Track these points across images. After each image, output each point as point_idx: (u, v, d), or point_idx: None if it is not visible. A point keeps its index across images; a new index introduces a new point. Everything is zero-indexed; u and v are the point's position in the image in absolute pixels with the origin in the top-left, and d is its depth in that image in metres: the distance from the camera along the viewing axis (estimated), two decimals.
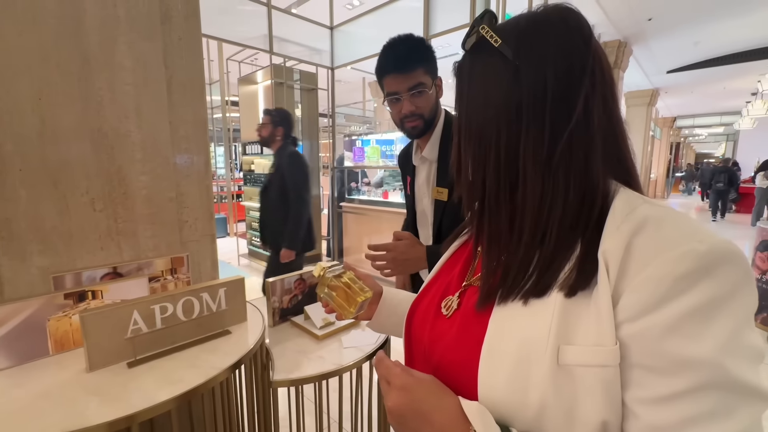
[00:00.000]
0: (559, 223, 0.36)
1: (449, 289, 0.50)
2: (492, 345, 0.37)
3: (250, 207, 4.64)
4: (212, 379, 0.73)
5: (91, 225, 1.04)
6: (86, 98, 1.01)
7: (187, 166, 1.24)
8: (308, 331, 1.13)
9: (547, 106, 0.36)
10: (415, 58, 0.94)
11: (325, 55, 4.23)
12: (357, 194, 4.51)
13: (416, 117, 0.97)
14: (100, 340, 0.73)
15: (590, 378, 0.32)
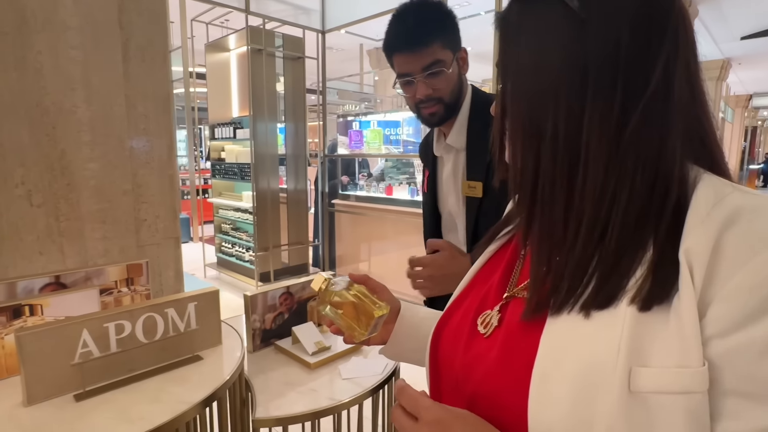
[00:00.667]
0: (623, 215, 0.36)
1: (486, 302, 0.50)
2: (545, 368, 0.37)
3: (220, 205, 4.65)
4: (180, 416, 0.73)
5: (27, 223, 1.04)
6: (22, 65, 1.02)
7: (146, 151, 1.25)
8: (297, 358, 1.13)
9: (619, 69, 0.36)
10: (429, 31, 0.92)
11: (314, 15, 4.24)
12: (353, 189, 4.52)
13: (434, 101, 0.96)
14: (40, 367, 0.73)
15: (671, 407, 0.32)
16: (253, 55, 3.85)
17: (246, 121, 4.07)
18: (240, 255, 4.43)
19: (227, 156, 4.50)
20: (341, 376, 1.07)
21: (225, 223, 4.68)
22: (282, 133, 4.27)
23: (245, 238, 4.37)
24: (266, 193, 4.04)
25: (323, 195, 4.36)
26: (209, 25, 4.81)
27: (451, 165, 1.06)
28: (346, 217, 4.35)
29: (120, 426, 0.69)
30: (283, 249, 4.28)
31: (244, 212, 4.32)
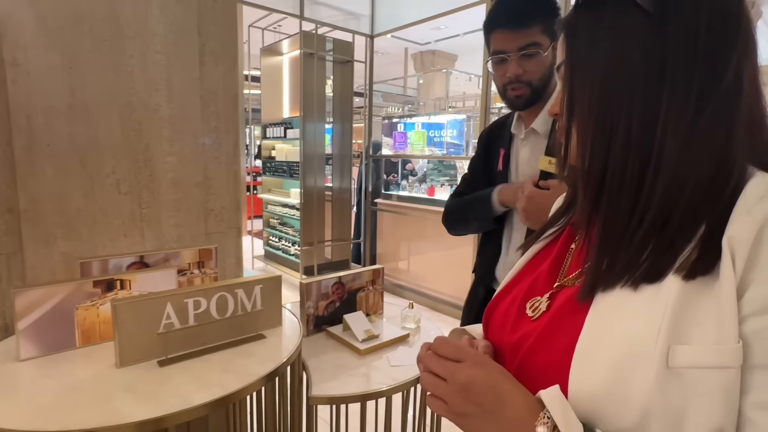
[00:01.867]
0: (687, 203, 0.38)
1: (535, 289, 0.52)
2: (588, 344, 0.40)
3: (269, 200, 4.83)
4: (248, 386, 0.79)
5: (115, 209, 1.15)
6: (117, 69, 1.13)
7: (215, 147, 1.34)
8: (348, 344, 1.18)
9: (696, 67, 0.37)
10: (532, 14, 0.94)
11: (363, 20, 4.32)
12: (396, 189, 4.56)
13: (522, 84, 0.98)
14: (131, 333, 0.82)
15: (706, 381, 0.34)
16: (305, 58, 3.97)
17: (296, 121, 4.21)
18: (286, 249, 4.58)
19: (277, 154, 4.65)
20: (389, 363, 1.11)
21: (273, 218, 4.84)
22: (329, 133, 4.37)
23: (291, 233, 4.51)
24: (313, 191, 4.15)
25: (366, 194, 4.43)
26: (265, 31, 5.00)
27: (529, 147, 1.08)
28: (388, 216, 4.40)
29: (198, 391, 0.76)
30: (327, 245, 4.38)
31: (292, 208, 4.45)
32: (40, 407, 0.70)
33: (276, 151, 4.68)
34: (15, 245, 1.04)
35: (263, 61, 4.68)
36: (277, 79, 4.67)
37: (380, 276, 1.41)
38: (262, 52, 4.66)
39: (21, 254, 1.04)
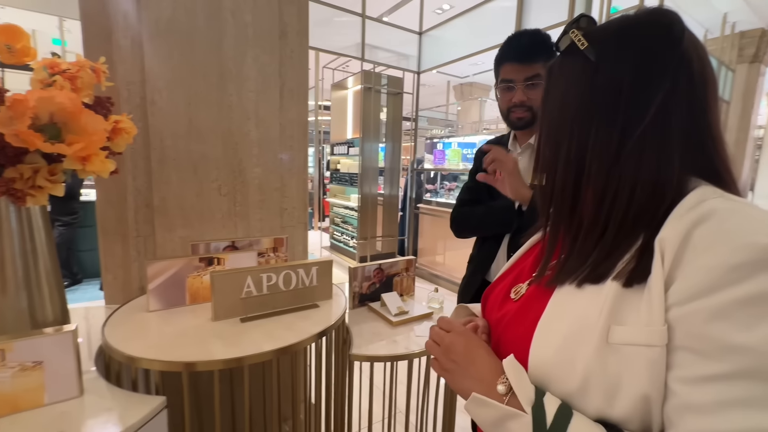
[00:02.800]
0: (622, 217, 0.38)
1: (520, 277, 0.53)
2: (547, 322, 0.41)
3: (334, 203, 5.00)
4: (305, 340, 0.85)
5: (217, 206, 1.28)
6: (220, 104, 1.25)
7: (290, 161, 1.44)
8: (383, 317, 1.22)
9: (620, 106, 0.37)
10: (537, 52, 0.97)
11: (412, 59, 4.36)
12: (435, 196, 4.54)
13: (526, 108, 1.00)
14: (223, 297, 0.91)
15: (637, 356, 0.34)
16: (365, 91, 4.07)
17: (357, 141, 4.32)
18: (346, 242, 4.71)
19: (342, 167, 4.80)
20: (415, 334, 1.13)
21: (337, 217, 5.00)
22: (382, 150, 4.45)
23: (351, 230, 4.63)
24: (368, 196, 4.25)
25: (410, 200, 4.45)
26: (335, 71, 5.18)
27: (525, 160, 1.09)
28: (427, 218, 4.39)
29: (268, 341, 0.83)
30: (378, 239, 4.45)
31: (351, 210, 4.58)
32: (162, 344, 0.81)
33: (341, 164, 4.84)
34: (150, 230, 1.18)
35: (333, 94, 4.85)
36: (343, 107, 4.82)
37: (413, 265, 1.43)
38: (332, 87, 4.83)
39: (153, 237, 1.18)
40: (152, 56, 1.11)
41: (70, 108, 0.70)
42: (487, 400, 0.40)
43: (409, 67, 4.32)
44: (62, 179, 0.76)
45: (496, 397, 0.40)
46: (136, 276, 1.18)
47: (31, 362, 0.63)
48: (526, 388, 0.39)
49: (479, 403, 0.41)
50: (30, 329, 0.78)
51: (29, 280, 0.78)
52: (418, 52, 4.30)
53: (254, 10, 1.26)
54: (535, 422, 0.37)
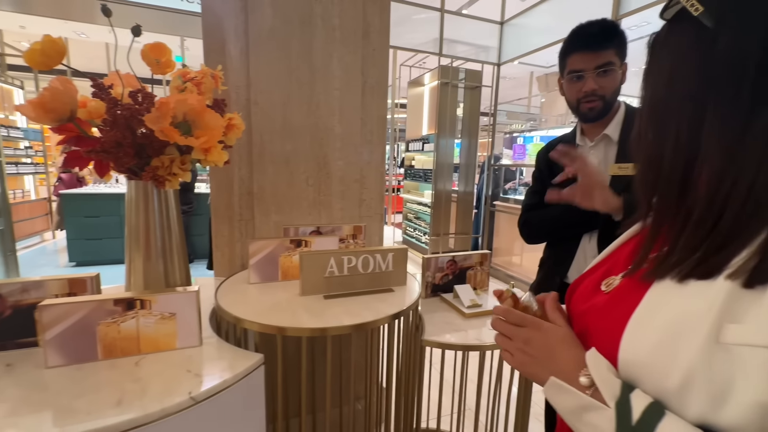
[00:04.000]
0: (740, 207, 0.33)
1: (613, 269, 0.50)
2: (642, 316, 0.38)
3: (407, 199, 5.08)
4: (380, 319, 0.91)
5: (304, 196, 1.41)
6: (309, 102, 1.37)
7: (369, 154, 1.52)
8: (456, 308, 1.22)
9: (746, 79, 0.33)
10: (608, 38, 0.93)
11: (492, 51, 4.20)
12: (513, 194, 4.32)
13: (597, 98, 0.96)
14: (309, 274, 1.02)
15: (754, 358, 0.30)
16: (442, 87, 4.05)
17: (432, 137, 4.32)
18: (418, 237, 4.75)
19: (416, 163, 4.85)
20: (488, 327, 1.12)
21: (410, 213, 5.07)
22: (458, 147, 4.38)
23: (423, 225, 4.66)
24: (442, 193, 4.22)
25: (486, 197, 4.30)
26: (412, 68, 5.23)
27: (600, 154, 1.03)
28: (504, 216, 4.20)
29: (347, 317, 0.91)
30: (450, 236, 4.40)
31: (425, 206, 4.60)
32: (260, 311, 0.93)
33: (415, 161, 4.88)
34: (250, 215, 1.36)
35: (409, 91, 4.91)
36: (419, 104, 4.85)
37: (487, 259, 1.41)
38: (409, 84, 4.89)
39: (253, 221, 1.36)
40: (256, 62, 1.27)
41: (197, 108, 0.85)
42: (566, 387, 0.40)
43: (489, 59, 4.17)
44: (189, 168, 0.93)
45: (578, 387, 0.40)
46: (238, 254, 1.37)
47: (168, 313, 0.79)
48: (611, 383, 0.37)
49: (558, 388, 0.41)
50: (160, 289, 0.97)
51: (165, 250, 0.97)
52: (499, 43, 4.12)
53: (341, 13, 1.36)
54: (620, 417, 0.35)
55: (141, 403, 0.63)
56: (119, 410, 0.61)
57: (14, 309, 0.77)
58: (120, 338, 0.76)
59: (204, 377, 0.72)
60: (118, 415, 0.60)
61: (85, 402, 0.63)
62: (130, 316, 0.76)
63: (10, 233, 3.12)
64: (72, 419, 0.59)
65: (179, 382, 0.70)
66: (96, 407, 0.62)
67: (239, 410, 0.75)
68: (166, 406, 0.63)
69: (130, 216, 0.94)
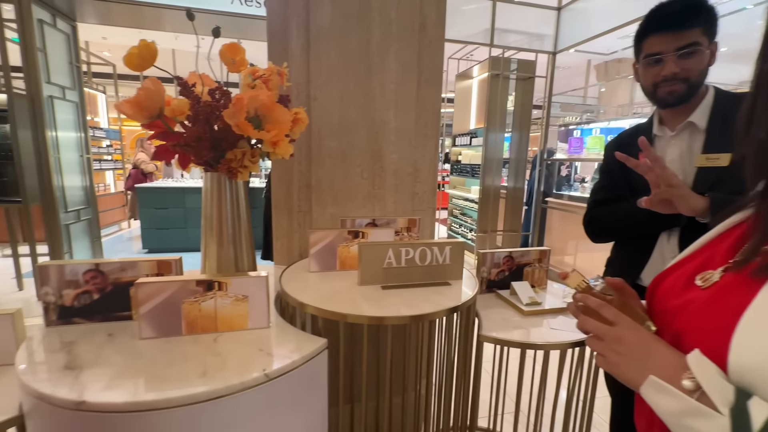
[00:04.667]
0: None
1: (710, 263, 0.46)
2: (756, 315, 0.34)
3: (453, 195, 5.00)
4: (439, 311, 0.91)
5: (359, 189, 1.44)
6: (366, 96, 1.39)
7: (422, 147, 1.51)
8: (513, 305, 1.19)
9: None
10: (693, 15, 0.84)
11: (547, 39, 3.98)
12: (567, 190, 4.09)
13: (678, 81, 0.86)
14: (368, 265, 1.04)
15: None
16: (492, 79, 3.91)
17: (480, 131, 4.20)
18: (464, 234, 4.66)
19: (463, 158, 4.74)
20: (549, 326, 1.07)
21: (456, 209, 4.98)
22: (507, 141, 4.22)
23: (470, 222, 4.56)
24: (490, 188, 4.10)
25: (538, 193, 4.11)
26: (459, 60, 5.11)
27: (683, 144, 0.92)
28: (557, 213, 3.99)
29: (406, 308, 0.91)
30: (498, 233, 4.27)
31: (471, 202, 4.50)
32: (321, 298, 0.97)
33: (462, 156, 4.78)
34: (308, 207, 1.41)
35: (457, 84, 4.81)
36: (467, 98, 4.73)
37: (546, 256, 1.35)
38: (457, 77, 4.79)
39: (310, 212, 1.41)
40: (316, 59, 1.32)
41: (268, 103, 0.90)
42: (669, 387, 0.37)
43: (544, 48, 3.96)
44: (258, 160, 0.99)
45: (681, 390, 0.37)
46: (296, 244, 1.43)
47: (241, 295, 0.85)
48: (722, 388, 0.34)
49: (659, 388, 0.38)
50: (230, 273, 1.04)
51: (235, 237, 1.04)
52: (555, 30, 3.90)
53: (398, 6, 1.36)
54: (735, 427, 0.32)
55: (222, 375, 0.69)
56: (204, 380, 0.67)
57: (114, 285, 0.87)
58: (200, 316, 0.83)
59: (275, 357, 0.76)
60: (204, 385, 0.66)
61: (175, 371, 0.70)
62: (209, 297, 0.83)
63: (96, 222, 3.51)
64: (166, 386, 0.65)
65: (253, 359, 0.75)
66: (184, 376, 0.68)
67: (305, 390, 0.79)
68: (245, 380, 0.68)
69: (206, 205, 1.01)
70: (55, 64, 2.99)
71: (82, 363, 0.71)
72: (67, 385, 0.64)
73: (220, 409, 0.66)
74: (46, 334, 0.82)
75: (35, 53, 2.76)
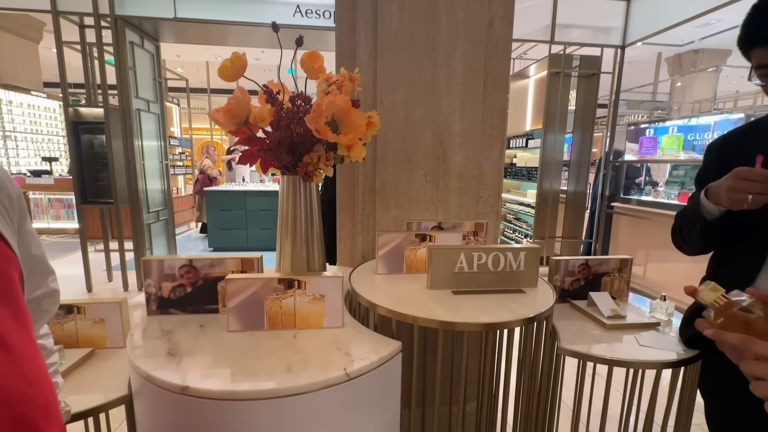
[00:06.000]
0: None
1: None
2: None
3: (506, 199, 4.81)
4: (517, 320, 0.87)
5: (423, 191, 1.42)
6: (431, 98, 1.38)
7: (488, 149, 1.46)
8: (593, 317, 1.10)
9: None
10: None
11: (614, 33, 3.70)
12: (637, 194, 3.76)
13: None
14: (438, 268, 1.02)
15: None
16: (551, 77, 3.72)
17: (537, 132, 4.01)
18: (518, 240, 4.46)
19: (518, 161, 4.56)
20: (638, 342, 0.98)
21: (509, 214, 4.79)
22: (568, 142, 3.98)
23: (525, 227, 4.36)
24: (548, 192, 3.89)
25: (603, 198, 3.82)
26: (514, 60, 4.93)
27: None
28: (624, 219, 3.68)
29: (481, 314, 0.88)
30: (557, 240, 4.03)
31: (527, 206, 4.30)
32: (392, 300, 0.96)
33: (517, 158, 4.59)
34: (371, 209, 1.43)
35: (511, 85, 4.64)
36: (522, 98, 4.55)
37: (628, 266, 1.24)
38: (511, 78, 4.62)
39: (374, 215, 1.42)
40: (382, 63, 1.33)
41: (345, 108, 0.92)
42: None
43: (610, 41, 3.69)
44: (332, 163, 1.01)
45: None
46: (360, 246, 1.45)
47: (319, 294, 0.87)
48: None
49: None
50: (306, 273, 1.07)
51: (308, 238, 1.07)
52: (624, 23, 3.62)
53: (466, 6, 1.33)
54: None
55: (307, 372, 0.70)
56: (290, 375, 0.69)
57: (204, 280, 0.93)
58: (281, 312, 0.86)
59: (354, 357, 0.77)
60: (291, 380, 0.68)
61: (263, 364, 0.73)
62: (289, 294, 0.86)
63: (172, 222, 3.86)
64: (257, 378, 0.68)
65: (334, 358, 0.76)
66: (272, 370, 0.71)
67: (380, 391, 0.79)
68: (328, 378, 0.69)
69: (282, 207, 1.06)
70: (142, 81, 3.34)
71: (182, 351, 0.77)
72: (171, 370, 0.70)
73: (303, 404, 0.68)
74: (149, 322, 0.90)
75: (127, 72, 3.11)
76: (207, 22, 3.21)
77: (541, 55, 4.01)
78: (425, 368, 1.26)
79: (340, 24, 1.38)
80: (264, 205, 4.66)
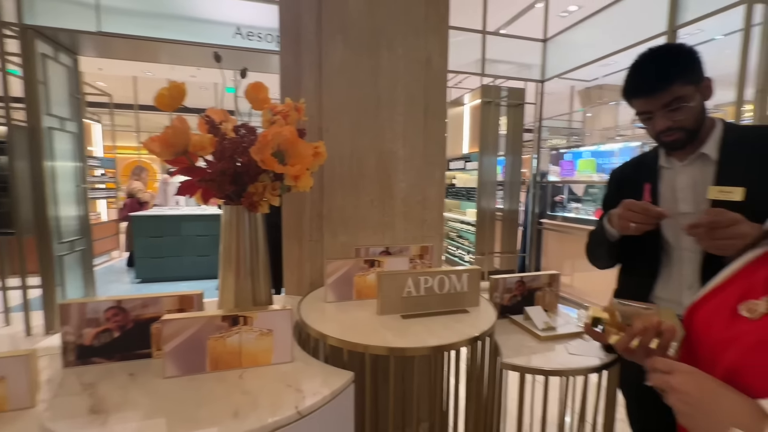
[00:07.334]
0: None
1: (751, 292, 0.48)
2: None
3: (448, 218, 5.05)
4: (463, 340, 0.91)
5: (370, 217, 1.46)
6: (375, 128, 1.44)
7: (430, 175, 1.55)
8: (528, 330, 1.19)
9: None
10: (666, 77, 0.83)
11: (534, 69, 4.18)
12: (561, 211, 4.18)
13: (675, 131, 0.88)
14: (387, 294, 1.04)
15: None
16: (483, 106, 4.06)
17: (474, 155, 4.31)
18: (461, 256, 4.67)
19: (458, 182, 4.83)
20: (568, 351, 1.08)
21: (451, 232, 5.02)
22: (501, 164, 4.33)
23: (466, 245, 4.59)
24: (485, 211, 4.17)
25: (533, 215, 4.19)
26: (451, 89, 5.30)
27: (694, 174, 0.92)
28: (552, 234, 4.06)
29: (429, 337, 0.91)
30: (496, 255, 4.30)
31: (467, 224, 4.54)
32: (342, 329, 0.96)
33: (456, 179, 4.87)
34: (319, 236, 1.42)
35: (449, 111, 4.96)
36: (459, 123, 4.88)
37: (557, 280, 1.37)
38: (448, 105, 4.95)
39: (322, 241, 1.41)
40: (328, 93, 1.36)
41: (291, 139, 0.93)
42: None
43: (532, 76, 4.15)
44: (278, 193, 1.00)
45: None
46: (308, 273, 1.42)
47: (266, 329, 0.84)
48: None
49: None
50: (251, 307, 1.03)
51: (254, 269, 1.04)
52: (542, 60, 4.10)
53: (404, 43, 1.43)
54: None
55: (255, 414, 0.67)
56: (237, 421, 0.66)
57: (135, 322, 0.85)
58: (225, 352, 0.82)
59: (305, 393, 0.75)
60: (238, 426, 0.64)
61: (206, 412, 0.68)
62: (234, 332, 0.82)
63: (89, 252, 3.44)
64: (199, 428, 0.64)
65: (283, 396, 0.73)
66: (217, 417, 0.67)
67: (334, 424, 0.78)
68: (278, 419, 0.67)
69: (224, 237, 1.02)
70: (56, 96, 3.01)
71: (108, 406, 0.69)
72: (95, 430, 0.62)
73: None
74: (65, 375, 0.80)
75: (36, 86, 2.79)
76: (136, 38, 3.02)
77: (474, 85, 4.37)
78: (377, 395, 1.26)
79: (285, 53, 1.40)
80: (201, 230, 4.36)
